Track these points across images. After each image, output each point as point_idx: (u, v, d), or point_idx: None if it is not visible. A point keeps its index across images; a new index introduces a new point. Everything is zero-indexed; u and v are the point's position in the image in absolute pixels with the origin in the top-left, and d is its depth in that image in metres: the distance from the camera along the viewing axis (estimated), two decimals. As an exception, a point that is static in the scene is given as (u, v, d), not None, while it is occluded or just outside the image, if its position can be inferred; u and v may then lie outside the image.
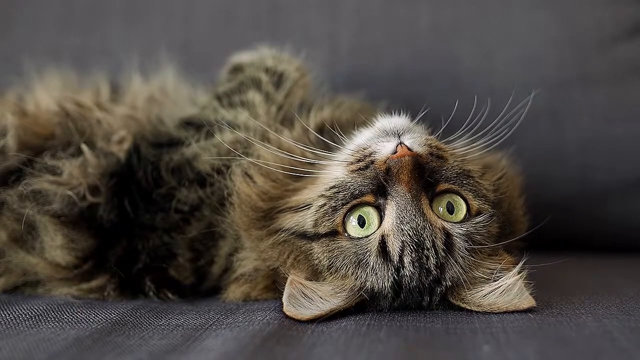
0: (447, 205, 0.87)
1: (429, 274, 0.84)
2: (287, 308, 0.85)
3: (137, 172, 1.00)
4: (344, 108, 1.09)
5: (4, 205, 1.00)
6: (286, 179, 0.95)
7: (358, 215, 0.87)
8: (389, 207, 0.86)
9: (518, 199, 0.99)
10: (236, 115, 1.03)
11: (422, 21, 1.43)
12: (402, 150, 0.86)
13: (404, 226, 0.84)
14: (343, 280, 0.86)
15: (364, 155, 0.89)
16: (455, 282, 0.85)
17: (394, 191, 0.86)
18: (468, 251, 0.85)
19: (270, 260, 0.91)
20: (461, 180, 0.89)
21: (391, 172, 0.85)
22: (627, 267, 1.27)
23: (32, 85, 1.17)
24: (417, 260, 0.84)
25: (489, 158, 1.00)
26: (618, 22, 1.39)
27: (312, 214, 0.88)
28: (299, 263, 0.89)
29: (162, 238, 0.98)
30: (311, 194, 0.91)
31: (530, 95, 1.01)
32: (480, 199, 0.89)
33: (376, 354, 0.72)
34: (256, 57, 1.13)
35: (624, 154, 1.37)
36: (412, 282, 0.85)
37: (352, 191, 0.87)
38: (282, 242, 0.90)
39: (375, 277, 0.85)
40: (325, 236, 0.87)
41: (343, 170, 0.90)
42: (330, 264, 0.87)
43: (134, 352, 0.75)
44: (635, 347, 0.72)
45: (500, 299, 0.85)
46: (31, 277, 1.01)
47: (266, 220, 0.92)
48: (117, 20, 1.51)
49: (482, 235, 0.87)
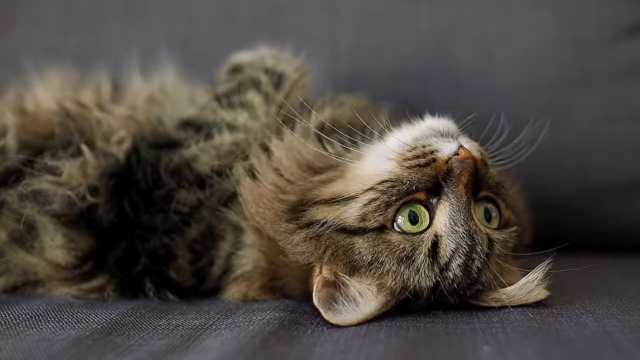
0: (485, 214, 0.88)
1: (469, 277, 0.85)
2: (326, 314, 0.83)
3: (136, 173, 1.00)
4: (347, 107, 1.08)
5: (3, 205, 1.00)
6: (303, 172, 0.94)
7: (409, 211, 0.86)
8: (441, 207, 0.86)
9: (524, 214, 1.00)
10: (235, 117, 1.03)
11: (422, 21, 1.42)
12: (465, 153, 0.86)
13: (458, 228, 0.84)
14: (384, 278, 0.85)
15: (424, 152, 0.88)
16: (485, 286, 0.86)
17: (451, 192, 0.85)
18: (501, 258, 0.86)
19: (303, 255, 0.88)
20: (498, 189, 0.90)
21: (452, 173, 0.85)
22: (627, 267, 1.27)
23: (32, 85, 1.16)
24: (464, 264, 0.84)
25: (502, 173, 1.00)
26: (618, 22, 1.38)
27: (358, 208, 0.86)
28: (336, 258, 0.87)
29: (161, 239, 0.98)
30: (352, 186, 0.89)
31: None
32: (509, 210, 0.90)
33: (376, 354, 0.72)
34: (256, 57, 1.13)
35: (624, 154, 1.37)
36: (453, 285, 0.85)
37: (409, 186, 0.86)
38: (316, 236, 0.87)
39: (418, 277, 0.84)
40: (372, 230, 0.85)
41: (394, 164, 0.88)
42: (373, 259, 0.85)
43: (134, 352, 0.75)
44: (635, 347, 0.72)
45: (519, 292, 0.87)
46: (31, 277, 1.01)
47: (294, 213, 0.90)
48: (117, 20, 1.50)
49: (513, 244, 0.88)
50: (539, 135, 0.97)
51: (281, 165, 0.95)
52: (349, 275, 0.86)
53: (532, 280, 0.86)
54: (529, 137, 0.95)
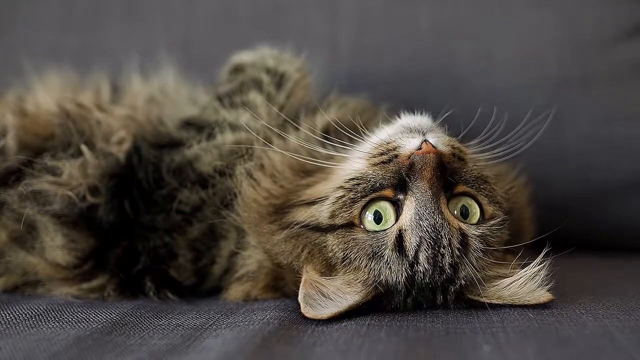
0: (461, 209, 0.88)
1: (443, 272, 0.85)
2: (304, 309, 0.84)
3: (137, 173, 1.00)
4: (348, 108, 1.08)
5: (4, 206, 1.00)
6: (295, 176, 0.95)
7: (374, 210, 0.87)
8: (407, 202, 0.86)
9: (527, 208, 1.00)
10: (237, 117, 1.03)
11: (422, 21, 1.43)
12: (427, 147, 0.86)
13: (422, 222, 0.84)
14: (356, 273, 0.86)
15: (388, 149, 0.89)
16: (469, 281, 0.86)
17: (415, 187, 0.86)
18: (482, 252, 0.86)
19: (283, 254, 0.90)
20: (478, 184, 0.89)
21: (414, 168, 0.85)
22: (627, 267, 1.28)
23: (32, 86, 1.16)
24: (433, 258, 0.84)
25: (501, 167, 1.00)
26: (618, 22, 1.39)
27: (328, 205, 0.88)
28: (313, 257, 0.89)
29: (162, 238, 0.98)
30: (327, 186, 0.90)
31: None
32: (494, 205, 0.90)
33: (376, 353, 0.72)
34: (257, 57, 1.13)
35: (624, 154, 1.37)
36: (425, 279, 0.85)
37: (373, 184, 0.87)
38: (295, 235, 0.90)
39: (389, 271, 0.85)
40: (341, 228, 0.87)
41: (364, 163, 0.90)
42: (345, 256, 0.86)
43: (134, 352, 0.75)
44: (635, 347, 0.72)
45: (521, 289, 0.86)
46: (31, 277, 1.01)
47: (277, 215, 0.92)
48: (117, 20, 1.50)
49: (495, 239, 0.88)
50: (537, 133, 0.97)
51: (275, 169, 0.96)
52: (325, 273, 0.88)
53: (531, 276, 0.86)
54: (528, 136, 0.95)
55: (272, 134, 1.00)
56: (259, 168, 0.97)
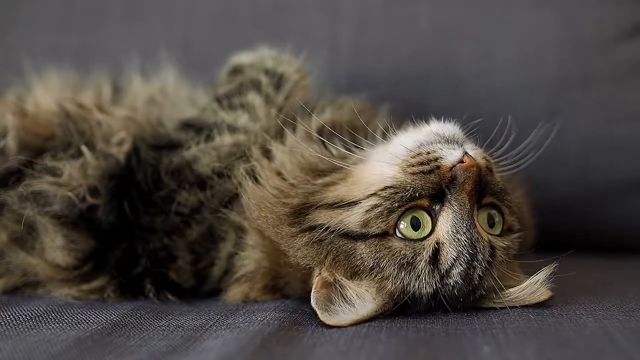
0: (487, 219, 0.88)
1: (470, 285, 0.85)
2: (322, 316, 0.83)
3: (136, 174, 1.00)
4: (348, 109, 1.08)
5: (4, 206, 1.00)
6: (307, 175, 0.94)
7: (412, 216, 0.86)
8: (444, 213, 0.85)
9: (528, 216, 1.00)
10: (236, 118, 1.03)
11: (422, 21, 1.43)
12: (470, 160, 0.85)
13: (460, 236, 0.84)
14: (383, 283, 0.85)
15: (428, 159, 0.87)
16: (488, 291, 0.86)
17: (454, 199, 0.85)
18: (504, 264, 0.87)
19: (305, 259, 0.88)
20: (502, 195, 0.90)
21: (456, 181, 0.85)
22: (627, 267, 1.28)
23: (32, 86, 1.16)
24: (465, 271, 0.84)
25: (511, 177, 1.00)
26: (618, 22, 1.38)
27: (360, 213, 0.86)
28: (338, 263, 0.87)
29: (162, 240, 0.98)
30: (354, 190, 0.89)
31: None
32: (513, 216, 0.90)
33: (376, 354, 0.72)
34: (256, 58, 1.12)
35: (624, 154, 1.37)
36: (454, 292, 0.85)
37: (412, 193, 0.85)
38: (318, 240, 0.87)
39: (418, 283, 0.84)
40: (375, 237, 0.85)
41: (398, 170, 0.88)
42: (375, 264, 0.85)
43: (134, 353, 0.75)
44: (635, 348, 0.71)
45: (522, 293, 0.87)
46: (31, 278, 1.01)
47: (297, 217, 0.90)
48: (117, 20, 1.50)
49: (515, 249, 0.89)
50: (541, 138, 0.97)
51: (284, 168, 0.95)
52: (348, 278, 0.86)
53: (534, 282, 0.87)
54: (531, 141, 0.95)
55: (271, 134, 1.00)
56: (263, 167, 0.96)
